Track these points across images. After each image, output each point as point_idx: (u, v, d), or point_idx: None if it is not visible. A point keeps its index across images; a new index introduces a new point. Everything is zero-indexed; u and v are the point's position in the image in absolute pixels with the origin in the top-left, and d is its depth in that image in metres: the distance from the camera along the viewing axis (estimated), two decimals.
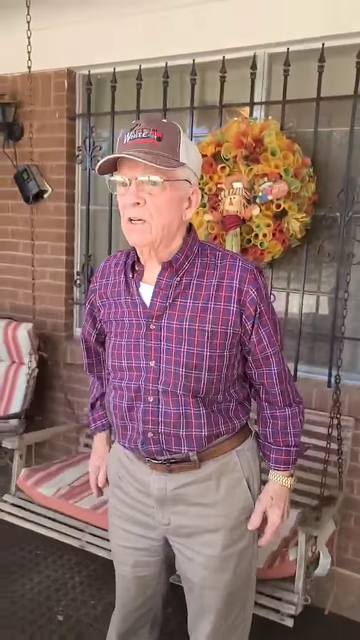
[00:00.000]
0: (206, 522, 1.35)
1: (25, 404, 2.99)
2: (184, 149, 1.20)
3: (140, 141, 1.16)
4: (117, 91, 2.80)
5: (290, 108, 2.43)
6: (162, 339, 1.26)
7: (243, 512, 1.37)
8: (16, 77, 3.04)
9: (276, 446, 1.39)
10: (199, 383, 1.25)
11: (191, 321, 1.25)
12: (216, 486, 1.34)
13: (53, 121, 3.00)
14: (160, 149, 1.16)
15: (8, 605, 2.26)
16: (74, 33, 2.81)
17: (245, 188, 2.29)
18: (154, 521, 1.40)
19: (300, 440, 1.41)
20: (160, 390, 1.27)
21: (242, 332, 1.28)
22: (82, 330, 1.55)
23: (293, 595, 1.81)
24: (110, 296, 1.36)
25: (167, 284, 1.27)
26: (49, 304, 3.18)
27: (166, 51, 2.59)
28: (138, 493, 1.40)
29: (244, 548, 1.39)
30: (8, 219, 3.25)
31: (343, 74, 2.30)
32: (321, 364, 2.57)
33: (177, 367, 1.25)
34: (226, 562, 1.37)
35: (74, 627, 2.17)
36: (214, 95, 2.58)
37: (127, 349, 1.29)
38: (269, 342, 1.31)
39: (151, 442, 1.30)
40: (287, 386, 1.37)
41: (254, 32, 2.38)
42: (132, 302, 1.31)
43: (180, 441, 1.29)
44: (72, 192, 3.07)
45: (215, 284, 1.26)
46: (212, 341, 1.25)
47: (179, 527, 1.38)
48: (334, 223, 2.41)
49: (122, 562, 1.50)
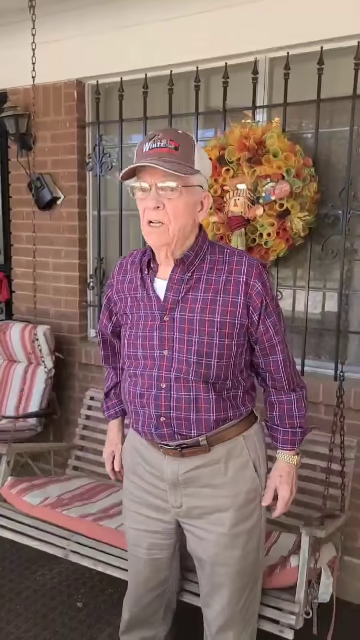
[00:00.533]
0: (216, 502, 1.45)
1: (43, 404, 3.10)
2: (198, 158, 1.33)
3: (159, 150, 1.29)
4: (125, 99, 2.91)
5: (292, 110, 2.51)
6: (175, 329, 1.37)
7: (250, 492, 1.47)
8: (28, 89, 3.15)
9: (283, 428, 1.51)
10: (209, 369, 1.36)
11: (202, 313, 1.36)
12: (225, 469, 1.45)
13: (64, 130, 3.11)
14: (178, 158, 1.28)
15: (31, 594, 2.37)
16: (82, 45, 2.92)
17: (248, 189, 2.37)
18: (167, 504, 1.50)
19: (305, 422, 1.52)
20: (172, 377, 1.37)
21: (249, 323, 1.39)
22: (99, 324, 1.68)
23: (294, 606, 1.70)
24: (126, 291, 1.47)
25: (179, 279, 1.38)
26: (63, 307, 3.29)
27: (170, 59, 2.69)
28: (152, 477, 1.50)
29: (252, 527, 1.49)
30: (23, 226, 3.37)
31: (342, 75, 2.37)
32: (328, 359, 2.63)
33: (189, 355, 1.36)
34: (236, 539, 1.46)
35: (92, 613, 2.27)
36: (218, 99, 2.67)
37: (142, 340, 1.40)
38: (274, 331, 1.42)
39: (163, 426, 1.40)
40: (292, 372, 1.49)
41: (254, 38, 2.46)
42: (147, 296, 1.42)
43: (190, 425, 1.39)
44: (83, 198, 3.18)
45: (224, 278, 1.38)
46: (221, 331, 1.36)
47: (191, 509, 1.47)
48: (336, 221, 2.48)
49: (137, 545, 1.59)
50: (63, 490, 2.41)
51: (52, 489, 2.39)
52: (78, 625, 2.20)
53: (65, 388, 3.29)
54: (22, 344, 3.17)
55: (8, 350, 3.25)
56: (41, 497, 2.27)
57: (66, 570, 2.55)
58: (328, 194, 2.47)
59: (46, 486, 2.41)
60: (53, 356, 3.10)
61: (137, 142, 2.95)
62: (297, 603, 1.71)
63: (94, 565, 2.01)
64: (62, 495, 2.35)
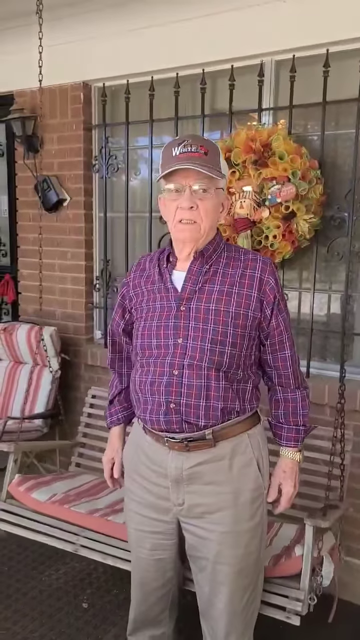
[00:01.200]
0: (219, 500, 1.46)
1: (49, 405, 3.11)
2: (222, 164, 1.44)
3: (191, 155, 1.39)
4: (131, 102, 2.92)
5: (298, 112, 2.51)
6: (191, 319, 1.43)
7: (254, 490, 1.49)
8: (35, 92, 3.17)
9: (287, 425, 1.57)
10: (222, 357, 1.41)
11: (217, 303, 1.43)
12: (229, 466, 1.47)
13: (71, 132, 3.12)
14: (208, 162, 1.38)
15: (37, 594, 2.38)
16: (88, 48, 2.94)
17: (254, 191, 2.38)
18: (169, 503, 1.50)
19: (307, 420, 1.59)
20: (186, 364, 1.41)
21: (261, 317, 1.46)
22: (111, 324, 1.70)
23: (299, 593, 1.79)
24: (143, 285, 1.54)
25: (198, 271, 1.46)
26: (70, 308, 3.30)
27: (176, 62, 2.70)
28: (155, 475, 1.51)
29: (255, 526, 1.50)
30: (29, 228, 3.39)
31: (348, 78, 2.37)
32: (334, 361, 2.64)
33: (204, 342, 1.41)
34: (239, 537, 1.47)
35: (98, 613, 2.28)
36: (224, 102, 2.68)
37: (157, 329, 1.45)
38: (284, 327, 1.50)
39: (172, 413, 1.42)
40: (298, 370, 1.57)
41: (260, 41, 2.47)
42: (164, 287, 1.48)
43: (199, 412, 1.41)
44: (89, 200, 3.19)
45: (240, 273, 1.46)
46: (235, 321, 1.43)
47: (193, 507, 1.48)
48: (342, 223, 2.48)
49: (140, 546, 1.59)
50: (69, 487, 2.45)
51: (58, 486, 2.43)
52: (84, 626, 2.21)
53: (71, 389, 3.30)
54: (28, 345, 3.19)
55: (14, 352, 3.27)
56: (49, 494, 2.30)
57: (72, 571, 2.56)
58: (334, 196, 2.48)
59: (52, 483, 2.45)
60: (59, 357, 3.12)
61: (143, 144, 3.01)
62: (303, 590, 1.78)
63: (103, 559, 2.05)
64: (69, 491, 2.38)
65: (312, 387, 2.50)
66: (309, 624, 1.81)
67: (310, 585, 1.80)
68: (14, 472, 2.42)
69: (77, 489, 2.44)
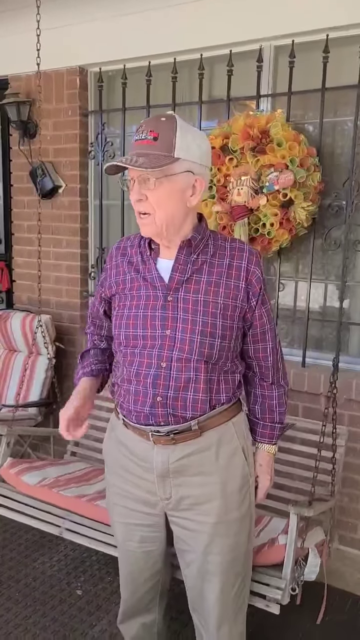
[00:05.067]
0: (207, 490, 1.43)
1: (43, 393, 3.10)
2: (180, 144, 1.30)
3: (141, 142, 1.30)
4: (128, 87, 2.89)
5: (296, 99, 2.49)
6: (179, 310, 1.38)
7: (241, 478, 1.47)
8: (30, 76, 3.13)
9: (263, 422, 1.56)
10: (212, 349, 1.38)
11: (206, 294, 1.39)
12: (215, 456, 1.44)
13: (66, 118, 3.08)
14: (156, 149, 1.28)
15: (30, 581, 2.38)
16: (84, 31, 2.90)
17: (252, 179, 2.36)
18: (155, 497, 1.47)
19: (284, 418, 1.58)
20: (175, 357, 1.37)
21: (247, 308, 1.43)
22: (91, 309, 1.64)
23: (280, 582, 1.78)
24: (127, 272, 1.46)
25: (185, 260, 1.40)
26: (65, 297, 3.28)
27: (174, 47, 2.66)
28: (141, 470, 1.47)
29: (244, 513, 1.48)
30: (24, 215, 3.35)
31: (347, 64, 2.35)
32: (329, 351, 2.63)
33: (193, 334, 1.37)
34: (229, 527, 1.45)
35: (92, 600, 2.28)
36: (223, 89, 2.65)
37: (143, 320, 1.40)
38: (267, 318, 1.47)
39: (159, 406, 1.38)
40: (278, 363, 1.54)
41: (260, 25, 2.44)
42: (149, 276, 1.42)
43: (186, 405, 1.38)
44: (85, 187, 3.16)
45: (227, 263, 1.41)
46: (224, 312, 1.39)
47: (181, 499, 1.45)
48: (340, 211, 2.46)
49: (128, 539, 1.56)
50: (61, 472, 2.45)
51: (51, 471, 2.43)
52: (77, 613, 2.20)
53: (65, 378, 3.28)
54: (22, 334, 3.16)
55: (8, 340, 3.24)
56: (39, 478, 2.31)
57: (65, 559, 2.55)
58: (332, 184, 2.46)
59: (44, 468, 2.45)
60: (54, 346, 3.10)
61: None
62: (284, 579, 1.78)
63: (88, 543, 2.04)
64: (60, 477, 2.39)
65: (308, 377, 2.51)
66: (301, 613, 1.81)
67: (292, 574, 1.79)
68: (5, 455, 2.43)
69: (68, 475, 2.44)
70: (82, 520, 2.11)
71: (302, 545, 1.85)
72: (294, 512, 1.80)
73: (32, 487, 2.26)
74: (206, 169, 1.38)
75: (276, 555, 1.83)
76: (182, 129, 1.31)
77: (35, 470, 2.39)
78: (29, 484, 2.27)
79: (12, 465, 2.38)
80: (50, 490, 2.22)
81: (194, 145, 1.33)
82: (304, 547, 1.86)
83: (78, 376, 1.62)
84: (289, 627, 2.16)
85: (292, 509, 1.80)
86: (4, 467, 2.37)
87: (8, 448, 2.44)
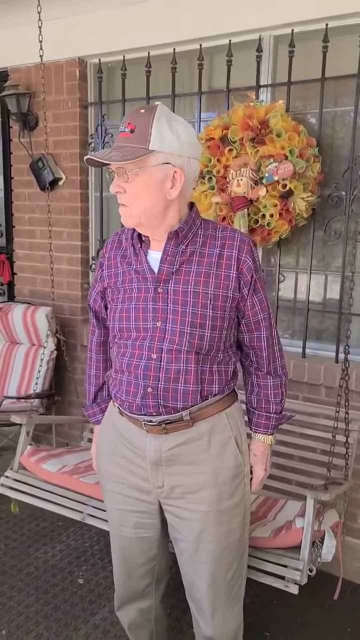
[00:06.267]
0: (199, 479, 1.44)
1: (45, 385, 3.12)
2: (155, 136, 1.28)
3: (120, 135, 1.32)
4: (128, 79, 2.88)
5: (296, 90, 2.48)
6: (169, 301, 1.38)
7: (233, 468, 1.47)
8: (30, 68, 3.13)
9: (259, 412, 1.56)
10: (202, 340, 1.37)
11: (196, 285, 1.38)
12: (207, 445, 1.44)
13: (66, 110, 3.08)
14: (132, 141, 1.29)
15: (33, 570, 2.41)
16: (83, 22, 2.88)
17: (252, 169, 2.35)
18: (149, 485, 1.48)
19: (282, 408, 1.56)
20: (165, 349, 1.37)
21: (239, 297, 1.41)
22: (92, 306, 1.62)
23: (298, 563, 1.82)
24: (120, 265, 1.47)
25: (173, 251, 1.39)
26: (66, 289, 3.29)
27: (174, 37, 2.65)
28: (135, 457, 1.48)
29: (237, 503, 1.48)
30: (25, 208, 3.36)
31: (347, 54, 2.34)
32: (330, 342, 2.63)
33: (183, 326, 1.36)
34: (220, 516, 1.45)
35: (94, 589, 2.30)
36: (222, 79, 2.64)
37: (135, 312, 1.40)
38: (260, 307, 1.46)
39: (149, 397, 1.39)
40: (275, 354, 1.52)
41: (259, 14, 2.43)
42: (141, 269, 1.42)
43: (177, 396, 1.39)
44: (85, 179, 3.16)
45: (217, 252, 1.40)
46: (215, 303, 1.38)
47: (173, 488, 1.46)
48: (339, 202, 2.46)
49: (123, 525, 1.57)
50: (79, 459, 2.49)
51: (69, 459, 2.48)
52: (79, 601, 2.23)
53: (66, 370, 3.29)
54: (24, 326, 3.18)
55: (10, 332, 3.26)
56: (59, 465, 2.36)
57: (67, 548, 2.58)
58: (331, 175, 2.45)
59: (63, 456, 2.50)
60: (55, 338, 3.11)
61: None
62: (302, 560, 1.82)
63: (109, 527, 2.04)
64: (79, 464, 2.43)
65: (308, 367, 2.51)
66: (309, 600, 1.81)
67: (310, 556, 1.83)
68: (25, 443, 2.47)
69: (87, 462, 2.48)
70: (103, 505, 2.11)
71: (319, 527, 1.89)
72: (310, 496, 1.83)
73: (53, 474, 2.31)
74: (190, 160, 1.35)
75: (294, 537, 1.87)
76: (159, 120, 1.29)
77: (54, 458, 2.44)
78: (50, 471, 2.32)
79: (32, 453, 2.44)
80: (71, 477, 2.26)
81: (172, 136, 1.31)
82: (320, 529, 1.90)
83: (96, 417, 1.68)
84: (289, 614, 2.18)
85: (309, 494, 1.84)
86: (25, 455, 2.43)
87: (28, 437, 2.49)
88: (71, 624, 2.10)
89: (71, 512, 2.18)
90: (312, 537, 1.85)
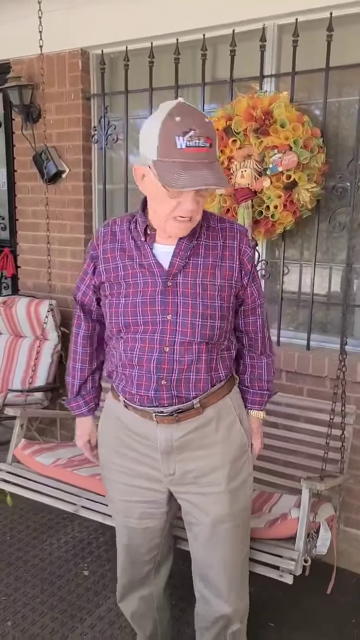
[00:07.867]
0: (209, 462, 1.48)
1: (49, 378, 3.12)
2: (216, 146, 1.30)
3: (199, 150, 1.22)
4: (130, 70, 2.86)
5: (300, 80, 2.46)
6: (179, 294, 1.40)
7: (240, 447, 1.54)
8: (32, 60, 3.11)
9: (252, 390, 1.64)
10: (212, 330, 1.42)
11: (204, 277, 1.41)
12: (215, 428, 1.49)
13: (69, 102, 3.06)
14: (212, 157, 1.25)
15: (38, 562, 2.42)
16: (85, 13, 2.86)
17: (256, 160, 2.34)
18: (160, 474, 1.50)
19: (272, 386, 1.66)
20: (178, 341, 1.39)
21: (240, 286, 1.47)
22: (79, 298, 1.57)
23: (293, 553, 1.83)
24: (118, 259, 1.44)
25: (186, 246, 1.42)
26: (69, 282, 3.28)
27: (177, 27, 2.63)
28: (143, 447, 1.50)
29: (244, 480, 1.55)
30: (28, 200, 3.35)
31: (352, 43, 2.31)
32: (334, 334, 2.62)
33: (194, 318, 1.39)
34: (233, 494, 1.50)
35: (99, 580, 2.31)
36: (226, 70, 2.62)
37: (142, 306, 1.40)
38: (258, 294, 1.53)
39: (163, 389, 1.41)
40: (266, 335, 1.61)
41: (262, 3, 2.40)
42: (147, 262, 1.41)
43: (189, 385, 1.42)
44: (89, 172, 3.15)
45: (221, 244, 1.44)
46: (221, 294, 1.43)
47: (185, 474, 1.48)
48: (344, 193, 2.44)
49: (128, 516, 1.58)
50: (73, 453, 2.49)
51: (63, 452, 2.48)
52: (84, 593, 2.24)
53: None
54: (28, 319, 3.18)
55: (14, 325, 3.26)
56: (53, 458, 2.36)
57: (73, 540, 2.59)
58: (336, 166, 2.43)
59: (56, 449, 2.50)
60: (59, 331, 3.11)
61: (142, 115, 2.94)
62: (297, 551, 1.84)
63: (103, 519, 2.07)
64: (73, 457, 2.43)
65: (312, 359, 2.51)
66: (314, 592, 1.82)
67: (305, 546, 1.84)
68: (19, 436, 2.47)
69: (80, 455, 2.45)
70: (97, 498, 2.17)
71: (314, 518, 1.90)
72: (306, 486, 1.85)
73: (47, 467, 2.31)
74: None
75: (289, 528, 1.89)
76: None
77: (47, 451, 2.44)
78: (44, 464, 2.32)
79: (26, 446, 2.44)
80: (65, 470, 2.27)
81: None
82: (315, 520, 1.91)
83: (83, 410, 1.69)
84: (294, 605, 2.19)
85: (305, 483, 1.86)
86: (18, 448, 2.43)
87: (22, 430, 2.49)
88: (76, 615, 2.12)
89: (65, 504, 2.18)
90: (308, 527, 1.86)
